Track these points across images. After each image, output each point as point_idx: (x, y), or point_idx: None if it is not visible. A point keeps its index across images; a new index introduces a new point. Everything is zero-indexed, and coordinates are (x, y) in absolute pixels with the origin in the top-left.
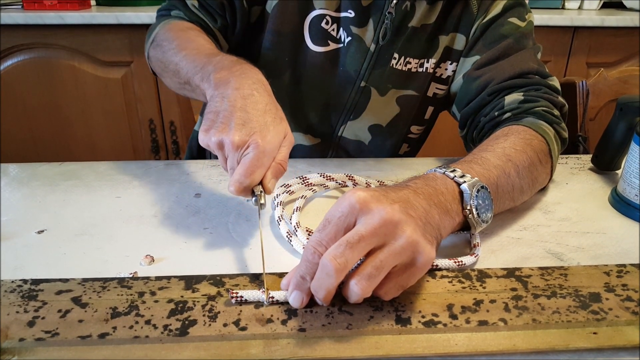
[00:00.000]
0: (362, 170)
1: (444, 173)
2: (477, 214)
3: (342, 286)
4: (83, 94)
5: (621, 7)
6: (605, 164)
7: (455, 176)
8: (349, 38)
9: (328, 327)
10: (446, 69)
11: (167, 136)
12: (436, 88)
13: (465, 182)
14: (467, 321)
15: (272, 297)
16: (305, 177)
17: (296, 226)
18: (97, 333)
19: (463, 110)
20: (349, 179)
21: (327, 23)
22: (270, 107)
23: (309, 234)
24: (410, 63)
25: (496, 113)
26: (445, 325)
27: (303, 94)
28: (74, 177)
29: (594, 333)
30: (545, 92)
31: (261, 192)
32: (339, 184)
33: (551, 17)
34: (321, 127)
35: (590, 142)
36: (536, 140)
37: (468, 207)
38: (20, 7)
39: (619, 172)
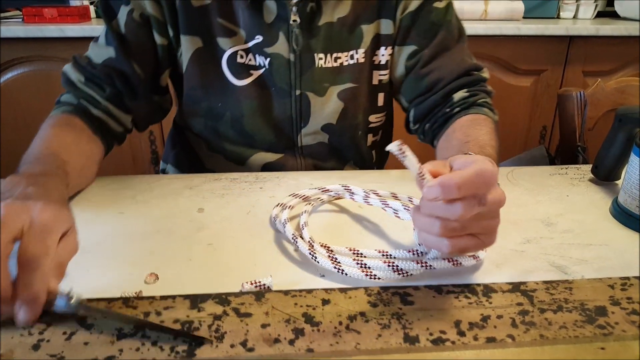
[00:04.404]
0: (368, 183)
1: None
2: None
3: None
4: None
5: (615, 16)
6: (605, 174)
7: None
8: (268, 59)
9: (336, 346)
10: (383, 55)
11: None
12: (379, 75)
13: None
14: (475, 338)
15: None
16: (299, 194)
17: (311, 241)
18: (103, 356)
19: (416, 108)
20: (344, 189)
21: (241, 57)
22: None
23: (326, 250)
24: (340, 58)
25: (447, 110)
26: (453, 342)
27: (250, 124)
28: (76, 192)
29: (602, 348)
30: (481, 86)
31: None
32: (334, 196)
33: (547, 26)
34: (279, 143)
35: (590, 152)
36: (490, 122)
37: None
38: (20, 20)
39: (619, 182)
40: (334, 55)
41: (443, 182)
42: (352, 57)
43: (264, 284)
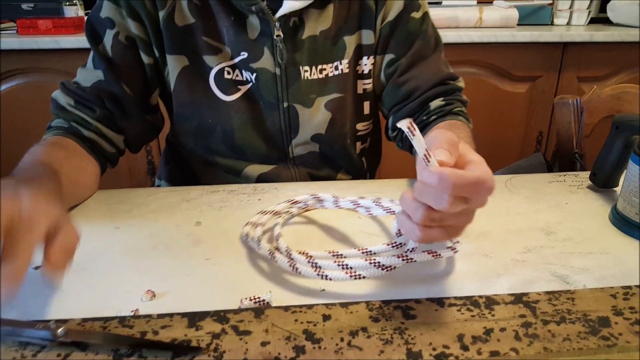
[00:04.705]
0: (368, 193)
1: None
2: None
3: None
4: None
5: (608, 22)
6: (603, 181)
7: None
8: (254, 74)
9: None
10: (365, 65)
11: None
12: (363, 84)
13: None
14: (479, 352)
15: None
16: (268, 210)
17: (288, 250)
18: None
19: (394, 115)
20: (313, 198)
21: (228, 73)
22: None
23: (305, 256)
24: (325, 69)
25: (424, 117)
26: (457, 357)
27: (241, 139)
28: (73, 206)
29: None
30: (457, 95)
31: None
32: (304, 207)
33: (541, 33)
34: (271, 154)
35: (587, 159)
36: (468, 128)
37: None
38: (15, 32)
39: (617, 189)
40: (319, 67)
41: (442, 175)
42: (336, 67)
43: (264, 300)
